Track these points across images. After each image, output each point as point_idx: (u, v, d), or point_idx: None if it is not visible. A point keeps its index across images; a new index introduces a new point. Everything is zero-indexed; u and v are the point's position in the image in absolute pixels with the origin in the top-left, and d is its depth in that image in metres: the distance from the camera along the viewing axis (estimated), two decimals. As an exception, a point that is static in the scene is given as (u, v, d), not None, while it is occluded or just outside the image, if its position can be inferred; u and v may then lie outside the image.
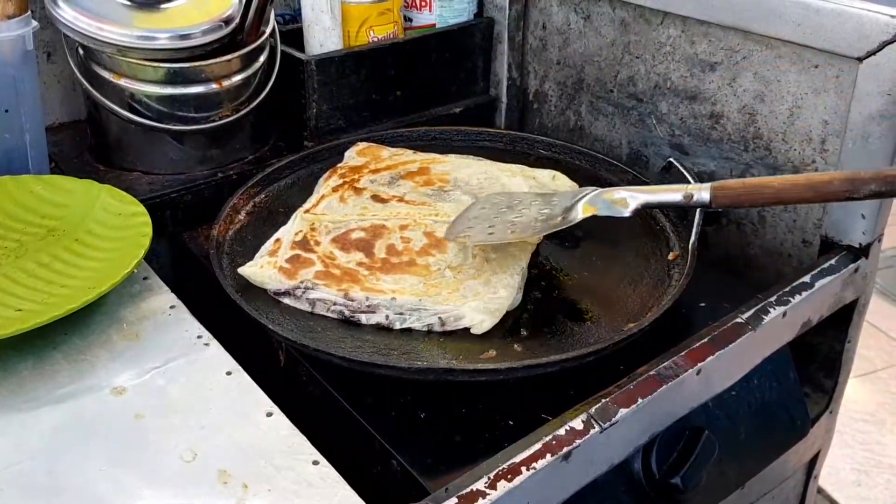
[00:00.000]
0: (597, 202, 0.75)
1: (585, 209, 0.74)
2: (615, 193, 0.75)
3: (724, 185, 0.71)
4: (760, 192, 0.70)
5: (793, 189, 0.68)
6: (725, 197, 0.70)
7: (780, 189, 0.69)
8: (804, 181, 0.68)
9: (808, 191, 0.68)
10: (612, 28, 1.03)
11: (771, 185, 0.69)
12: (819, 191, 0.68)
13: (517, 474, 0.57)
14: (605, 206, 0.74)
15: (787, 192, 0.69)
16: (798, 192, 0.68)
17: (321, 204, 0.87)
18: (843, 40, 0.80)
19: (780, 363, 0.83)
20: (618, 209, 0.73)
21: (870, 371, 2.03)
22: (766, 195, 0.69)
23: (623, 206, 0.73)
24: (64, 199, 0.83)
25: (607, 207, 0.74)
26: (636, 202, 0.73)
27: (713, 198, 0.70)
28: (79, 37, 0.91)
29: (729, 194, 0.70)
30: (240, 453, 0.59)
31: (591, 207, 0.74)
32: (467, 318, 0.72)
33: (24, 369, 0.66)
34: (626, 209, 0.73)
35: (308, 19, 1.03)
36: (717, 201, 0.70)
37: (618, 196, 0.74)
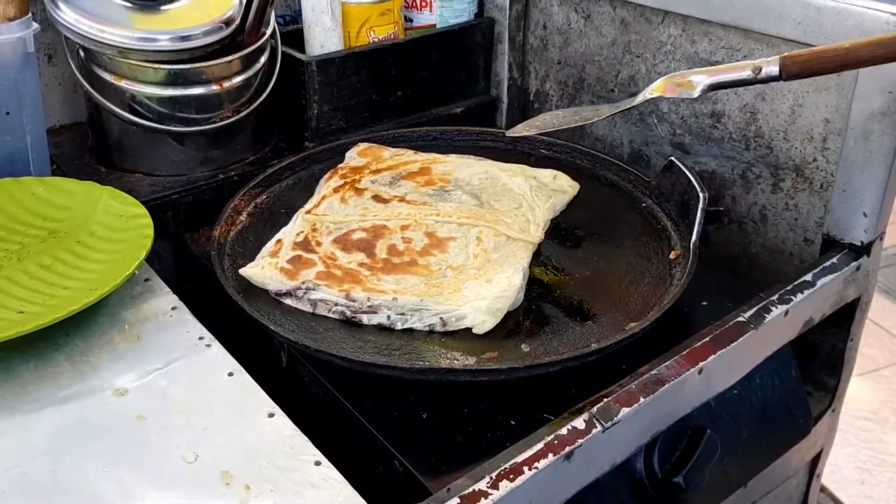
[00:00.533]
0: (664, 85, 0.76)
1: (654, 90, 0.76)
2: (683, 77, 0.76)
3: (794, 54, 0.70)
4: (830, 55, 0.69)
5: (862, 49, 0.68)
6: (795, 65, 0.69)
7: (850, 50, 0.68)
8: (875, 40, 0.67)
9: (878, 48, 0.67)
10: (612, 27, 1.03)
11: (841, 47, 0.68)
12: (889, 47, 0.67)
13: (519, 474, 0.57)
14: (672, 87, 0.75)
15: (856, 52, 0.68)
16: (869, 50, 0.67)
17: (322, 205, 0.87)
18: (843, 38, 0.80)
19: (782, 362, 0.83)
20: (685, 91, 0.74)
21: (873, 369, 2.02)
22: (837, 57, 0.68)
23: (690, 88, 0.74)
24: (65, 200, 0.83)
25: (674, 89, 0.75)
26: (704, 83, 0.74)
27: (783, 67, 0.70)
28: (79, 39, 0.92)
29: (798, 61, 0.70)
30: (242, 454, 0.59)
31: (658, 88, 0.76)
32: (469, 318, 0.72)
33: (27, 371, 0.67)
34: (694, 91, 0.74)
35: (308, 20, 1.03)
36: (787, 70, 0.70)
37: (685, 79, 0.75)
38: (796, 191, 0.90)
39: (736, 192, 0.96)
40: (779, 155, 0.90)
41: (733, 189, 0.96)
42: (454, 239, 0.81)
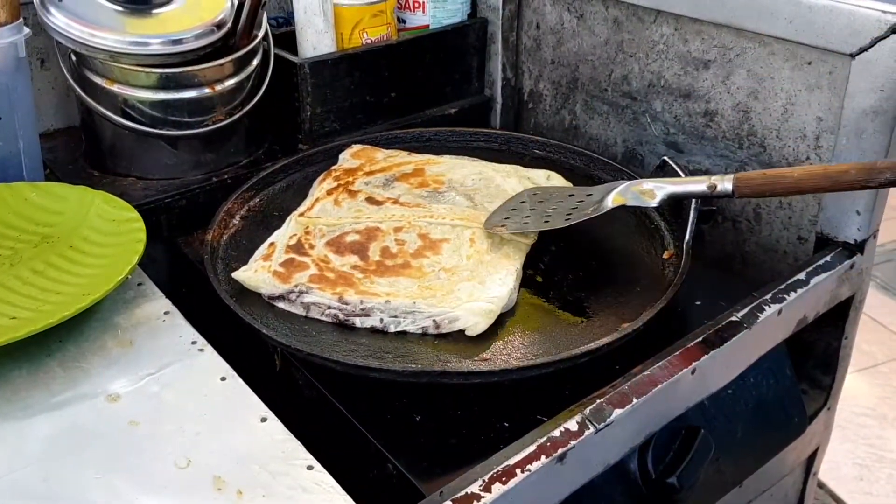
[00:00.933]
0: (626, 193, 0.79)
1: (615, 199, 0.78)
2: (643, 185, 0.79)
3: (746, 175, 0.75)
4: (780, 181, 0.73)
5: (810, 179, 0.72)
6: (747, 187, 0.74)
7: (799, 179, 0.72)
8: (821, 171, 0.72)
9: (825, 180, 0.72)
10: (605, 27, 1.03)
11: (790, 175, 0.73)
12: (836, 180, 0.71)
13: (512, 476, 0.57)
14: (633, 196, 0.78)
15: (805, 181, 0.72)
16: (815, 181, 0.72)
17: (315, 207, 0.87)
18: (835, 37, 0.80)
19: (777, 361, 0.83)
20: (645, 200, 0.78)
21: (871, 365, 2.03)
22: (786, 184, 0.73)
23: (650, 196, 0.77)
24: (58, 205, 0.83)
25: (635, 198, 0.78)
26: (662, 192, 0.77)
27: (735, 188, 0.74)
28: (71, 43, 0.91)
29: (750, 184, 0.74)
30: (234, 459, 0.59)
31: (620, 198, 0.78)
32: (462, 319, 0.72)
33: (19, 377, 0.66)
34: (654, 200, 0.77)
35: (301, 22, 1.03)
36: (739, 191, 0.74)
37: (645, 187, 0.78)
38: (790, 189, 0.90)
39: (730, 190, 0.95)
40: (772, 153, 0.90)
41: (727, 188, 0.96)
42: (447, 241, 0.81)
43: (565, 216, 0.80)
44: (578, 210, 0.80)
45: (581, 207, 0.81)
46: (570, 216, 0.79)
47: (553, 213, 0.81)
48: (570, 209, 0.81)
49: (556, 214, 0.81)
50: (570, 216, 0.79)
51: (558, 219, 0.80)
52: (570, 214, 0.80)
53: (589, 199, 0.82)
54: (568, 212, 0.81)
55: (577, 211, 0.80)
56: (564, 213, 0.81)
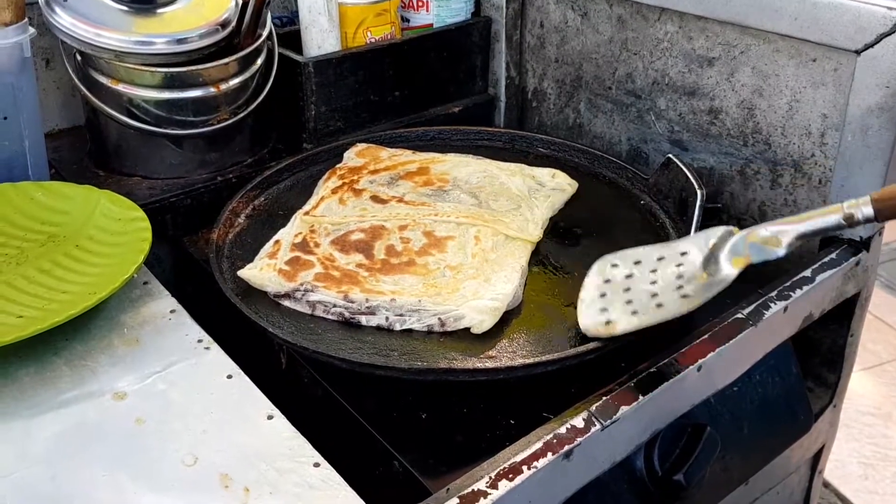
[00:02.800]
0: (743, 249, 0.66)
1: (736, 262, 0.65)
2: (761, 232, 0.65)
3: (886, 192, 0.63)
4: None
5: None
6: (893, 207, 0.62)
7: None
8: None
9: None
10: (609, 25, 1.03)
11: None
12: None
13: (518, 473, 0.57)
14: (755, 250, 0.65)
15: None
16: None
17: (320, 206, 0.87)
18: (840, 33, 0.80)
19: (782, 358, 0.83)
20: (771, 250, 0.65)
21: (876, 364, 2.02)
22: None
23: (776, 244, 0.65)
24: (64, 205, 0.83)
25: (759, 251, 0.65)
26: (790, 236, 0.65)
27: (877, 211, 0.62)
28: (76, 43, 0.92)
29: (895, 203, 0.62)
30: (241, 457, 0.59)
31: (741, 259, 0.65)
32: (467, 318, 0.72)
33: (26, 376, 0.67)
34: (781, 247, 0.65)
35: (305, 21, 1.03)
36: (882, 214, 0.62)
37: (767, 234, 0.65)
38: (795, 186, 0.90)
39: (734, 188, 0.95)
40: (777, 151, 0.90)
41: (732, 185, 0.96)
42: (452, 238, 0.81)
43: (680, 293, 0.65)
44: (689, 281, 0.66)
45: (688, 276, 0.66)
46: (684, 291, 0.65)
47: (659, 291, 0.67)
48: (675, 280, 0.67)
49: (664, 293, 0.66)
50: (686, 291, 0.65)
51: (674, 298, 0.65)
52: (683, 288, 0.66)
53: (690, 261, 0.67)
54: (678, 285, 0.66)
55: (688, 283, 0.66)
56: (674, 288, 0.66)
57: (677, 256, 0.69)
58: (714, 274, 0.66)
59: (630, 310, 0.66)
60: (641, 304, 0.66)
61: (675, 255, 0.69)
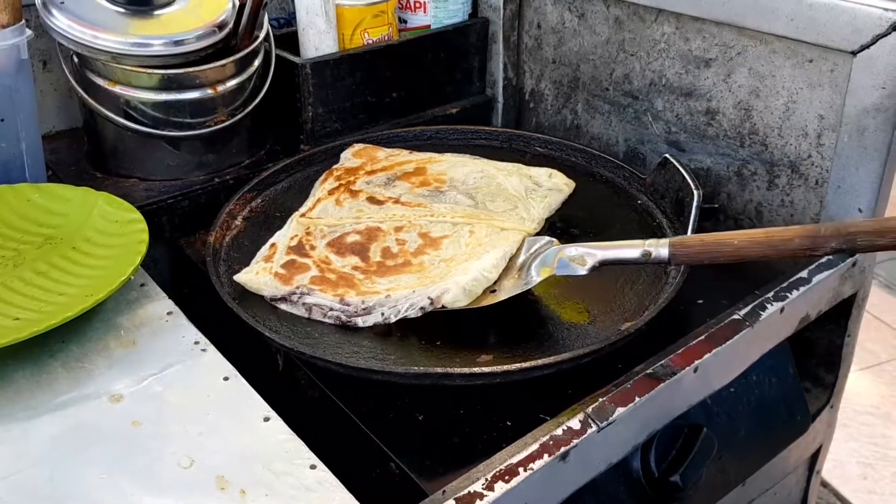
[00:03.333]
0: (552, 262, 0.73)
1: (543, 272, 0.73)
2: (571, 251, 0.72)
3: (682, 241, 0.70)
4: (719, 248, 0.68)
5: (752, 246, 0.67)
6: (684, 255, 0.69)
7: (739, 246, 0.67)
8: (764, 238, 0.67)
9: (768, 249, 0.66)
10: (606, 26, 1.03)
11: (730, 243, 0.68)
12: (779, 248, 0.66)
13: (514, 475, 0.57)
14: (562, 265, 0.72)
15: (746, 249, 0.67)
16: (758, 249, 0.67)
17: (317, 208, 0.87)
18: (836, 34, 0.80)
19: (779, 359, 0.83)
20: (574, 267, 0.72)
21: (874, 364, 2.02)
22: (726, 252, 0.68)
23: (580, 263, 0.72)
24: (61, 207, 0.83)
25: (564, 266, 0.72)
26: (593, 259, 0.71)
27: (672, 255, 0.69)
28: (73, 45, 0.92)
29: (688, 252, 0.69)
30: (237, 459, 0.59)
31: (547, 269, 0.73)
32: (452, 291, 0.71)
33: (23, 378, 0.67)
34: (584, 267, 0.71)
35: (302, 23, 1.03)
36: (675, 259, 0.69)
37: (574, 254, 0.72)
38: (792, 187, 0.90)
39: (731, 189, 0.96)
40: (773, 151, 0.90)
41: (728, 186, 0.96)
42: (448, 237, 0.81)
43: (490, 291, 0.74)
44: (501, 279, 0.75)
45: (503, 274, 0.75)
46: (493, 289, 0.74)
47: None
48: None
49: None
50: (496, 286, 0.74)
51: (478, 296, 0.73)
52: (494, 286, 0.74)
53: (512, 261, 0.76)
54: None
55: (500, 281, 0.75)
56: None
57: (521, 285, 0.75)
58: (523, 278, 0.74)
59: None
60: None
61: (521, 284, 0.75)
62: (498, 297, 0.73)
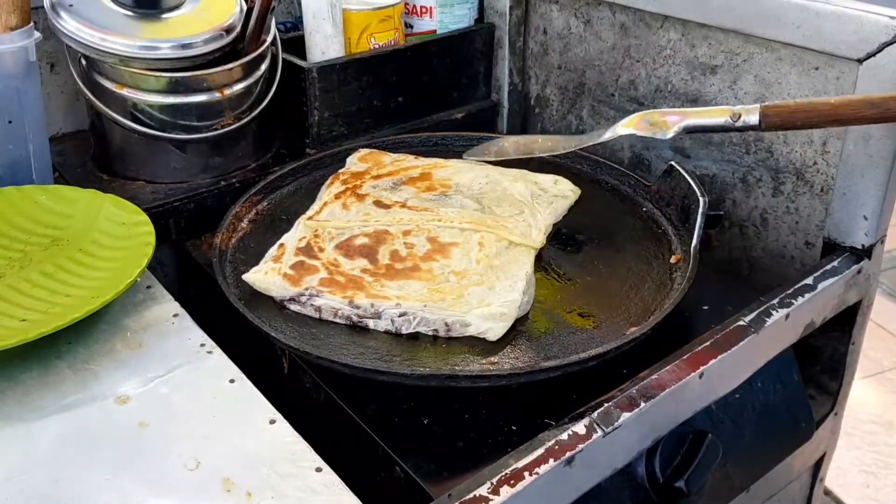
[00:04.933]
0: (636, 121, 0.73)
1: (625, 126, 0.72)
2: (657, 114, 0.72)
3: (776, 104, 0.67)
4: (815, 109, 0.65)
5: (850, 105, 0.64)
6: (777, 115, 0.66)
7: (836, 106, 0.64)
8: (861, 98, 0.64)
9: (867, 107, 0.64)
10: (612, 32, 1.04)
11: (826, 102, 0.65)
12: (879, 107, 0.64)
13: (520, 479, 0.57)
14: (645, 124, 0.72)
15: (844, 108, 0.64)
16: (856, 108, 0.64)
17: (324, 211, 0.87)
18: (842, 42, 0.80)
19: (784, 365, 0.83)
20: (659, 130, 0.71)
21: (877, 372, 2.02)
22: (822, 112, 0.65)
23: (664, 127, 0.71)
24: (68, 208, 0.83)
25: (647, 127, 0.72)
26: (678, 125, 0.70)
27: (762, 117, 0.67)
28: (81, 47, 0.92)
29: (781, 112, 0.66)
30: (243, 461, 0.59)
31: (629, 124, 0.72)
32: (474, 325, 0.72)
33: (29, 379, 0.67)
34: (668, 131, 0.71)
35: (309, 27, 1.03)
36: (767, 121, 0.67)
37: (660, 117, 0.71)
38: (797, 194, 0.90)
39: (736, 195, 0.96)
40: (779, 159, 0.91)
41: (734, 193, 0.96)
42: (457, 244, 0.81)
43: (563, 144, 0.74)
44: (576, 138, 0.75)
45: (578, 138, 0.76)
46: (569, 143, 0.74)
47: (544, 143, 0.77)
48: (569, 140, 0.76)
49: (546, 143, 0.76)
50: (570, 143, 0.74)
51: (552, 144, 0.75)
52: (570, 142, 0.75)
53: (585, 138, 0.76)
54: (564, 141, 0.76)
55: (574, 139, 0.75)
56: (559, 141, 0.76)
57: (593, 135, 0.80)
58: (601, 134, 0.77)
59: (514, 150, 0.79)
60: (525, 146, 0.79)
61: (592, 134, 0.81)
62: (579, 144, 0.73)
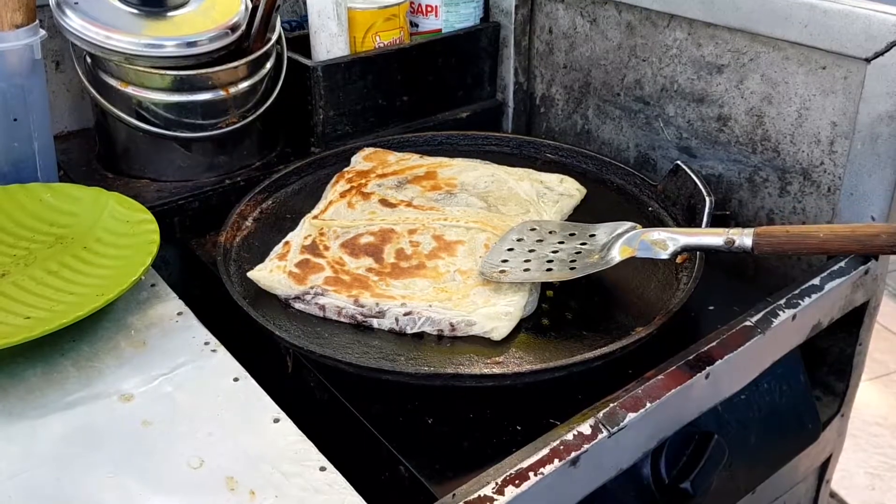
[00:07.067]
0: (634, 243, 0.74)
1: (623, 251, 0.74)
2: (654, 234, 0.74)
3: (768, 230, 0.71)
4: (805, 240, 0.70)
5: (837, 240, 0.69)
6: (768, 245, 0.70)
7: (825, 239, 0.69)
8: (849, 232, 0.69)
9: (853, 243, 0.68)
10: (618, 31, 1.03)
11: (815, 235, 0.69)
12: (865, 244, 0.68)
13: (525, 480, 0.57)
14: (643, 247, 0.74)
15: (831, 242, 0.69)
16: (843, 243, 0.69)
17: (329, 210, 0.87)
18: (850, 41, 0.80)
19: (790, 366, 0.83)
20: (656, 251, 0.73)
21: (883, 374, 2.01)
22: (811, 244, 0.69)
23: (662, 248, 0.73)
24: (72, 206, 0.83)
25: (646, 249, 0.74)
26: (675, 245, 0.73)
27: (755, 244, 0.70)
28: (86, 45, 0.92)
29: (772, 242, 0.70)
30: (247, 460, 0.59)
31: (629, 249, 0.74)
32: (479, 325, 0.72)
33: (33, 376, 0.67)
34: (665, 251, 0.73)
35: (314, 25, 1.03)
36: (759, 248, 0.70)
37: (657, 237, 0.74)
38: (804, 194, 0.90)
39: (743, 195, 0.95)
40: (786, 158, 0.90)
41: (740, 193, 0.95)
42: (462, 243, 0.81)
43: (569, 264, 0.75)
44: (583, 257, 0.76)
45: (585, 253, 0.76)
46: (574, 264, 0.75)
47: (556, 259, 0.76)
48: (573, 254, 0.77)
49: (558, 261, 0.76)
50: (575, 264, 0.75)
51: (562, 267, 0.75)
52: (575, 262, 0.76)
53: (593, 242, 0.78)
54: (572, 258, 0.76)
55: (581, 258, 0.76)
56: (568, 259, 0.76)
57: (586, 236, 0.79)
58: (604, 257, 0.75)
59: (524, 266, 0.76)
60: (535, 265, 0.76)
61: (585, 235, 0.79)
62: (575, 274, 0.74)
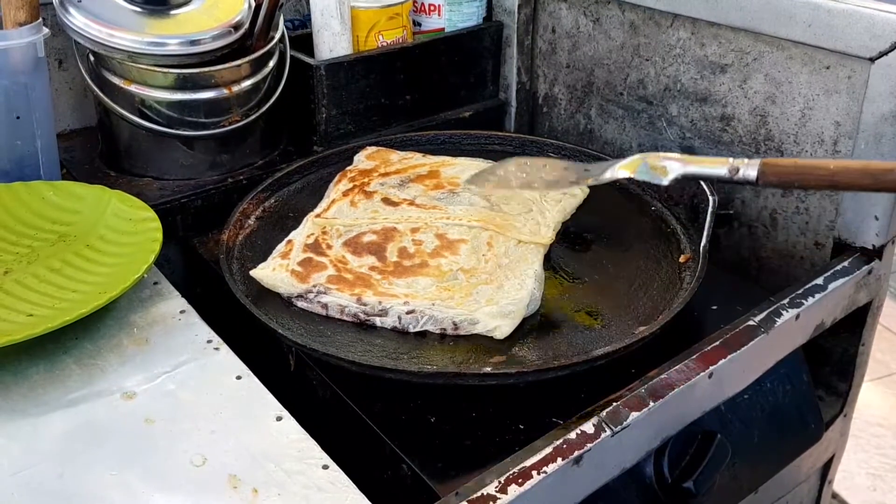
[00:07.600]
0: (635, 165, 0.71)
1: (623, 168, 0.71)
2: (657, 160, 0.70)
3: (775, 162, 0.66)
4: (813, 172, 0.64)
5: (848, 174, 0.63)
6: (774, 174, 0.65)
7: (835, 172, 0.64)
8: (860, 167, 0.63)
9: (864, 177, 0.63)
10: (621, 31, 1.03)
11: (825, 167, 0.64)
12: (877, 179, 0.63)
13: (528, 478, 0.57)
14: (643, 169, 0.70)
15: (842, 175, 0.64)
16: (854, 177, 0.63)
17: (332, 209, 0.87)
18: (854, 41, 0.80)
19: (793, 366, 0.83)
20: (656, 175, 0.70)
21: (885, 374, 2.01)
22: (820, 176, 0.64)
23: (662, 173, 0.70)
24: (75, 204, 0.83)
25: (645, 172, 0.70)
26: (676, 172, 0.69)
27: (760, 174, 0.65)
28: (89, 43, 0.92)
29: (778, 171, 0.65)
30: (249, 458, 0.59)
31: (628, 168, 0.71)
32: (482, 323, 0.72)
33: (36, 374, 0.67)
34: (665, 177, 0.69)
35: (317, 24, 1.03)
36: (764, 178, 0.65)
37: (659, 163, 0.70)
38: (807, 194, 0.90)
39: (746, 195, 0.95)
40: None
41: (743, 192, 0.95)
42: (465, 241, 0.81)
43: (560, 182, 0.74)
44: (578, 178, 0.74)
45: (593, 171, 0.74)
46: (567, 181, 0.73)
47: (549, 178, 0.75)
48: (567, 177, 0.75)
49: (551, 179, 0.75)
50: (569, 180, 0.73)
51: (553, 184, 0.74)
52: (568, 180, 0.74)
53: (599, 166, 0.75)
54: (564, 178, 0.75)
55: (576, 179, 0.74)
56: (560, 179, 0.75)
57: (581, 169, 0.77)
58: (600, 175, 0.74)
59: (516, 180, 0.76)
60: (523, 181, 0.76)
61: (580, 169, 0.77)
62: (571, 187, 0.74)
